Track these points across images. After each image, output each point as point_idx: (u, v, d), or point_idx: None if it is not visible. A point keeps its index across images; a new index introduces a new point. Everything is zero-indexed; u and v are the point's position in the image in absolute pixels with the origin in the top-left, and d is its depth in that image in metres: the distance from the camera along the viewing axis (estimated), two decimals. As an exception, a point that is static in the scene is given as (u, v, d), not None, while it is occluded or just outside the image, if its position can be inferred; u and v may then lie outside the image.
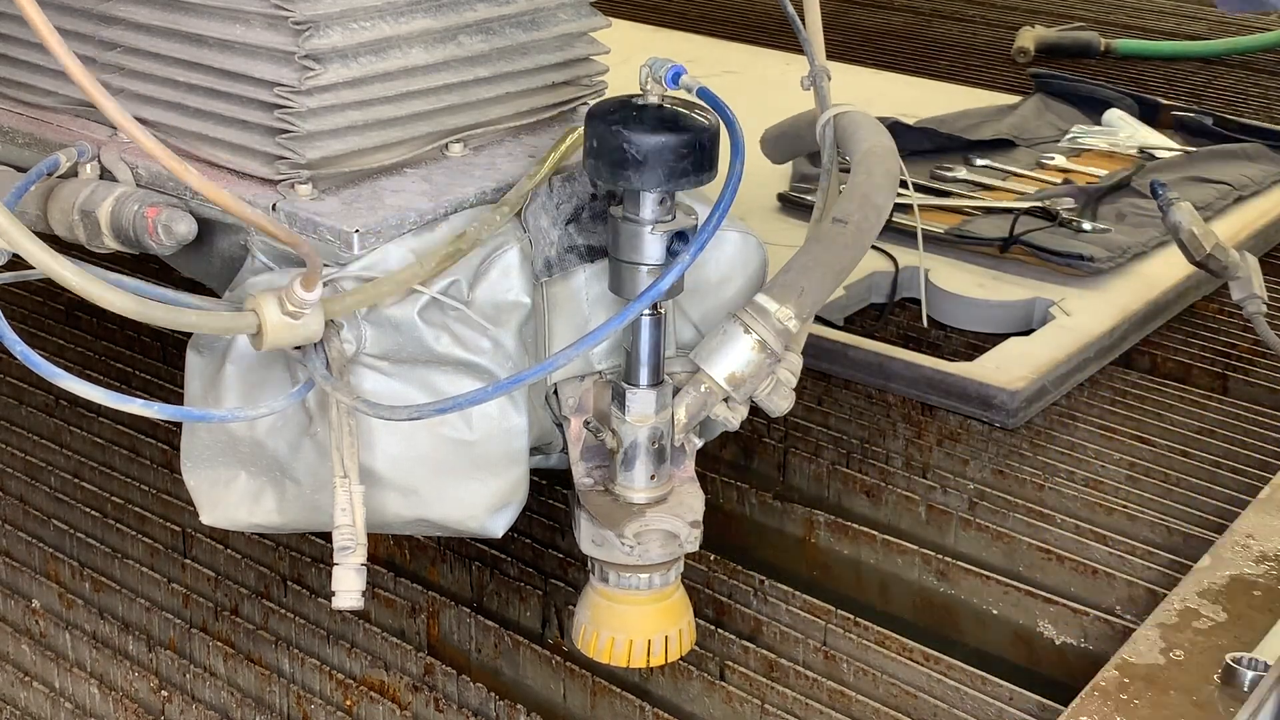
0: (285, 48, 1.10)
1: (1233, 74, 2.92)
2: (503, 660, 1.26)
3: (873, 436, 1.58)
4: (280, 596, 1.32)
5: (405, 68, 1.15)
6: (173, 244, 1.11)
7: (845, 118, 1.29)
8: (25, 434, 1.57)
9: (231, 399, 1.11)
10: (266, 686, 1.21)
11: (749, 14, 3.25)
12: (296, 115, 1.11)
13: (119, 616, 1.30)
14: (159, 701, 1.20)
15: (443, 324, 1.10)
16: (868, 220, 1.15)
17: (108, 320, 1.76)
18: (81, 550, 1.39)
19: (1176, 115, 2.42)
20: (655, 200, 1.05)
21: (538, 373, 1.03)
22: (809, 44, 1.34)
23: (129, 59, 1.21)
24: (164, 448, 1.50)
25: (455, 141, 1.21)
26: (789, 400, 1.12)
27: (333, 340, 1.06)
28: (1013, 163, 2.21)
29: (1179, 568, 1.33)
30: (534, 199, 1.14)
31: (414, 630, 1.29)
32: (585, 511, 1.11)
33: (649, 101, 1.04)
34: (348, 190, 1.14)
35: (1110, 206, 2.04)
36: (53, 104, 1.28)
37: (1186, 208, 1.70)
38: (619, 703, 1.19)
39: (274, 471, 1.13)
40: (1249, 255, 1.72)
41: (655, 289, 1.02)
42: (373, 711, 1.19)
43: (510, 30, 1.22)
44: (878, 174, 1.19)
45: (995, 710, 1.17)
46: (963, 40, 3.15)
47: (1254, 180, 2.15)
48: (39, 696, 1.21)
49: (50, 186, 1.16)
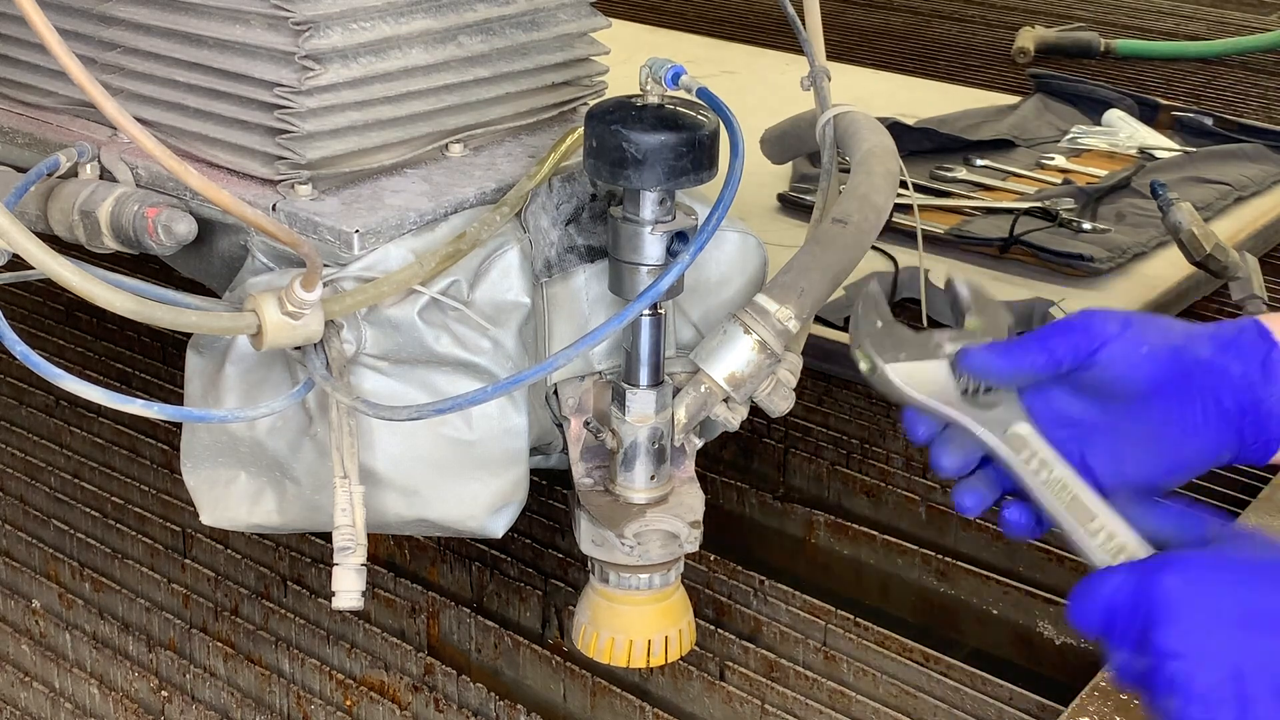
0: (285, 48, 1.10)
1: (1233, 74, 2.92)
2: (503, 660, 1.26)
3: (873, 436, 1.58)
4: (280, 597, 1.32)
5: (405, 68, 1.15)
6: (173, 244, 1.11)
7: (845, 118, 1.29)
8: (25, 434, 1.57)
9: (231, 399, 1.11)
10: (266, 687, 1.21)
11: (749, 14, 3.25)
12: (296, 115, 1.11)
13: (119, 617, 1.30)
14: (159, 702, 1.20)
15: (443, 324, 1.10)
16: (868, 220, 1.15)
17: (108, 320, 1.76)
18: (81, 550, 1.39)
19: (1176, 115, 2.42)
20: (655, 200, 1.05)
21: (538, 373, 1.03)
22: (809, 44, 1.34)
23: (129, 59, 1.21)
24: (164, 448, 1.50)
25: (455, 142, 1.21)
26: (789, 400, 1.12)
27: (333, 340, 1.06)
28: (1013, 163, 2.21)
29: (1179, 568, 1.33)
30: (534, 199, 1.14)
31: (414, 630, 1.29)
32: (585, 511, 1.11)
33: (649, 101, 1.04)
34: (348, 190, 1.14)
35: (1110, 206, 2.04)
36: (53, 104, 1.28)
37: (1186, 208, 1.70)
38: (619, 703, 1.19)
39: (274, 472, 1.13)
40: (1249, 255, 1.72)
41: (655, 289, 1.02)
42: (373, 711, 1.19)
43: (510, 30, 1.22)
44: (878, 174, 1.19)
45: (995, 710, 1.17)
46: (962, 40, 3.15)
47: (1254, 180, 2.16)
48: (39, 697, 1.21)
49: (50, 186, 1.16)
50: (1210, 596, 0.81)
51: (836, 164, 1.30)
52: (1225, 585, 0.81)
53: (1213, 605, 0.80)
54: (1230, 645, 0.79)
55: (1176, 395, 0.94)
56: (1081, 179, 2.15)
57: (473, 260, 1.11)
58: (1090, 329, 0.95)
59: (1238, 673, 0.78)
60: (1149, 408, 0.95)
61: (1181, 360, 0.94)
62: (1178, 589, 0.81)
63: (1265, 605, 0.80)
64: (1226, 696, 0.78)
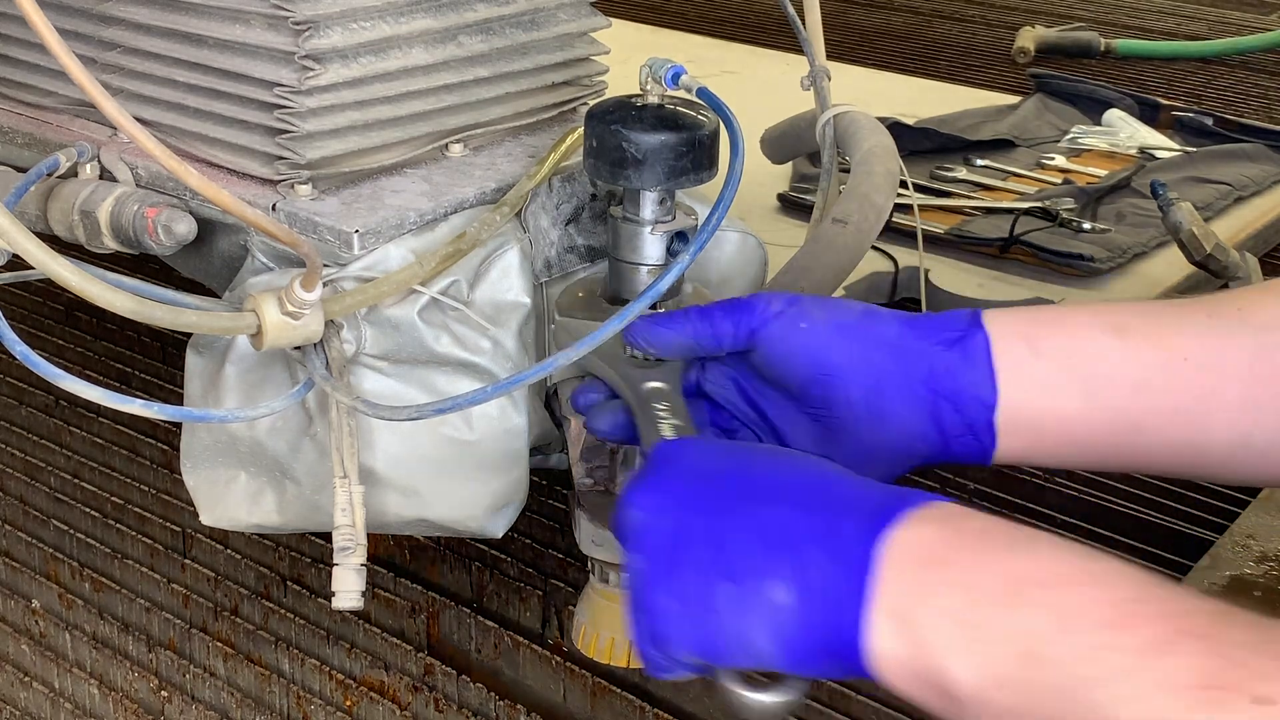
0: (285, 48, 1.10)
1: (1233, 74, 2.92)
2: (503, 660, 1.26)
3: (873, 436, 1.57)
4: (280, 596, 1.32)
5: (405, 68, 1.15)
6: (173, 244, 1.11)
7: (845, 118, 1.29)
8: (25, 434, 1.57)
9: (231, 399, 1.11)
10: (266, 686, 1.21)
11: (749, 14, 3.25)
12: (296, 115, 1.11)
13: (119, 617, 1.30)
14: (159, 702, 1.20)
15: (443, 324, 1.10)
16: (868, 220, 1.15)
17: (108, 320, 1.76)
18: (81, 550, 1.39)
19: (1176, 115, 2.42)
20: (655, 200, 1.05)
21: (538, 372, 1.03)
22: (809, 44, 1.34)
23: (129, 59, 1.21)
24: (164, 448, 1.50)
25: (455, 141, 1.21)
26: (789, 400, 1.12)
27: (333, 340, 1.06)
28: (1013, 163, 2.21)
29: (1179, 568, 1.33)
30: (534, 199, 1.14)
31: (414, 630, 1.29)
32: (585, 511, 1.11)
33: (649, 101, 1.04)
34: (348, 190, 1.14)
35: (1110, 206, 2.04)
36: (52, 104, 1.28)
37: (1187, 208, 1.70)
38: (619, 703, 1.19)
39: (274, 472, 1.13)
40: (1249, 255, 1.72)
41: (655, 289, 1.02)
42: (373, 711, 1.19)
43: (510, 30, 1.22)
44: (878, 174, 1.19)
45: (995, 710, 1.17)
46: (962, 40, 3.15)
47: (1254, 180, 2.15)
48: (39, 697, 1.21)
49: (50, 186, 1.16)
50: (683, 461, 0.82)
51: (836, 164, 1.30)
52: (704, 453, 0.83)
53: (680, 468, 0.81)
54: (678, 498, 0.80)
55: (857, 378, 0.91)
56: (1081, 179, 2.15)
57: (473, 260, 1.11)
58: (753, 306, 0.93)
59: (679, 523, 0.79)
60: (831, 391, 0.91)
61: (859, 340, 0.91)
62: (664, 456, 0.83)
63: (719, 466, 0.81)
64: (664, 543, 0.79)
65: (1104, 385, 0.89)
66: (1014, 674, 0.69)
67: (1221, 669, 0.63)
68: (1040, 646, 0.68)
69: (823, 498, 0.78)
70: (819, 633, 0.75)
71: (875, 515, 0.75)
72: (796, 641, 0.75)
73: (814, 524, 0.76)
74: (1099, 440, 0.91)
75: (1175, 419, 0.89)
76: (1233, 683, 0.62)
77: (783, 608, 0.75)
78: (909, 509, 0.76)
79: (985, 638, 0.70)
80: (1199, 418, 0.89)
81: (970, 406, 0.90)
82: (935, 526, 0.75)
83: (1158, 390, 0.89)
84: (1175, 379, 0.89)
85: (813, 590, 0.75)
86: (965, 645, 0.71)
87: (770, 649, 0.76)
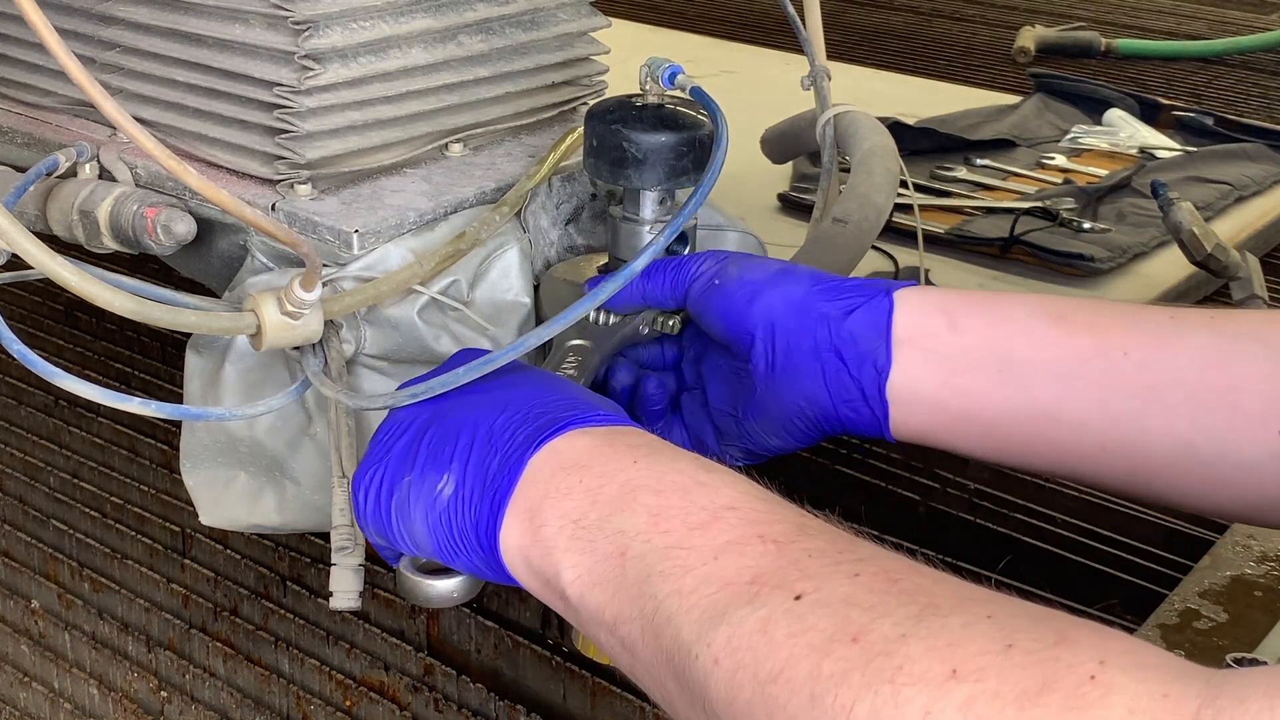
0: (285, 48, 1.10)
1: (1233, 74, 2.92)
2: (503, 660, 1.26)
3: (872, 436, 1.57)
4: (280, 597, 1.32)
5: (405, 68, 1.15)
6: (172, 244, 1.11)
7: (845, 118, 1.29)
8: (24, 434, 1.57)
9: (231, 399, 1.11)
10: (266, 687, 1.21)
11: (749, 14, 3.25)
12: (296, 115, 1.11)
13: (118, 617, 1.30)
14: (158, 702, 1.20)
15: (442, 324, 1.10)
16: (868, 220, 1.15)
17: (107, 320, 1.76)
18: (81, 550, 1.39)
19: (1177, 115, 2.42)
20: (655, 200, 1.05)
21: (509, 354, 1.00)
22: (809, 44, 1.34)
23: (128, 59, 1.21)
24: (163, 448, 1.50)
25: (455, 141, 1.21)
26: (789, 400, 1.12)
27: (332, 340, 1.05)
28: (1013, 163, 2.21)
29: (1179, 568, 1.33)
30: (534, 199, 1.14)
31: (414, 630, 1.29)
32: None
33: (649, 101, 1.04)
34: (347, 190, 1.14)
35: (1110, 206, 2.04)
36: (52, 104, 1.28)
37: (1187, 208, 1.70)
38: (619, 703, 1.19)
39: (273, 471, 1.13)
40: (1250, 255, 1.72)
41: (629, 269, 1.01)
42: (372, 712, 1.19)
43: (510, 30, 1.22)
44: (878, 174, 1.19)
45: (995, 710, 1.17)
46: (962, 40, 3.14)
47: (1254, 180, 2.15)
48: (39, 697, 1.21)
49: (49, 186, 1.16)
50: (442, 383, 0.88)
51: (836, 163, 1.30)
52: (463, 377, 0.88)
53: (438, 387, 0.87)
54: (419, 408, 0.87)
55: (763, 336, 0.92)
56: (1082, 179, 2.15)
57: (472, 260, 1.11)
58: (686, 266, 0.95)
59: (400, 421, 0.86)
60: (743, 349, 0.93)
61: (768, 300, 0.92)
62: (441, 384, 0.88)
63: (463, 387, 0.86)
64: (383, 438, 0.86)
65: (1021, 367, 0.86)
66: (608, 573, 0.72)
67: (778, 569, 0.66)
68: (631, 544, 0.71)
69: (526, 410, 0.81)
70: (468, 524, 0.79)
71: (552, 425, 0.79)
72: (447, 530, 0.80)
73: (501, 430, 0.80)
74: (1014, 427, 0.87)
75: (1103, 415, 0.85)
76: (780, 581, 0.65)
77: (443, 498, 0.80)
78: (585, 424, 0.79)
79: (591, 538, 0.73)
80: (1131, 416, 0.84)
81: (863, 372, 0.89)
82: (592, 438, 0.78)
83: (1084, 381, 0.85)
84: (1107, 373, 0.85)
85: (470, 484, 0.79)
86: (575, 546, 0.73)
87: (426, 537, 0.81)
